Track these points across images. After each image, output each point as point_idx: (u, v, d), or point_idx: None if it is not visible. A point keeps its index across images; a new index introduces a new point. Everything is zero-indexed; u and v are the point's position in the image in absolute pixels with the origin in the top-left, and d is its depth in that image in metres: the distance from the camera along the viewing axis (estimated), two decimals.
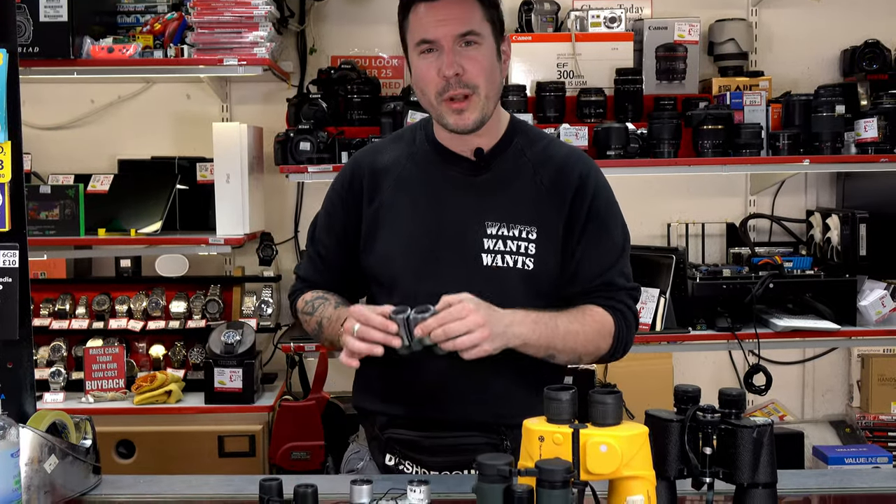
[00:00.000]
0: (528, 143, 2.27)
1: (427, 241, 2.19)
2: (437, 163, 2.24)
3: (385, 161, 2.27)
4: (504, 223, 2.18)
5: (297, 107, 3.91)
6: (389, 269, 2.21)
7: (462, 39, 2.12)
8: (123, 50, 3.71)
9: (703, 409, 1.79)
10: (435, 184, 2.23)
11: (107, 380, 3.79)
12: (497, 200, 2.20)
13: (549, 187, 2.22)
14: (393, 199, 2.23)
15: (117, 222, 3.88)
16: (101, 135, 4.31)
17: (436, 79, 2.13)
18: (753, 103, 3.94)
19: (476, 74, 2.12)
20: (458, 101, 2.13)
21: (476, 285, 2.09)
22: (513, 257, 2.17)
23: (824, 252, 4.02)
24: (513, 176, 2.22)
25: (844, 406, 4.48)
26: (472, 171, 2.22)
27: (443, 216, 2.20)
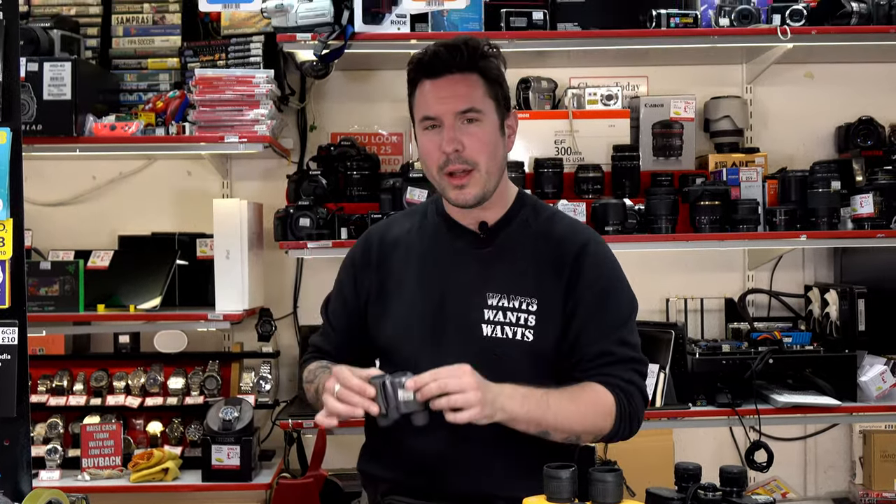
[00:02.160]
0: (534, 217, 2.32)
1: (429, 310, 2.24)
2: (444, 235, 2.32)
3: (395, 233, 2.37)
4: (505, 294, 2.22)
5: (297, 183, 3.93)
6: (392, 337, 2.28)
7: (463, 116, 2.18)
8: (126, 127, 3.74)
9: (705, 487, 1.79)
10: (440, 255, 2.30)
11: (103, 457, 3.76)
12: (499, 272, 2.24)
13: (550, 259, 2.25)
14: (399, 270, 2.31)
15: (116, 298, 3.87)
16: (102, 211, 4.33)
17: (437, 154, 2.19)
18: (750, 179, 3.96)
19: (476, 151, 2.18)
20: (458, 177, 2.18)
21: (476, 355, 2.11)
22: (512, 328, 2.20)
23: (823, 327, 4.02)
24: (516, 248, 2.27)
25: (847, 483, 4.42)
26: (476, 243, 2.28)
27: (446, 287, 2.25)
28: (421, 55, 2.25)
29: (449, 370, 1.98)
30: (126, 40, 4.13)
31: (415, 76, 2.26)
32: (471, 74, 2.21)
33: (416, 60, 2.25)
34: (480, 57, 2.23)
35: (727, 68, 4.39)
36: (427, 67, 2.22)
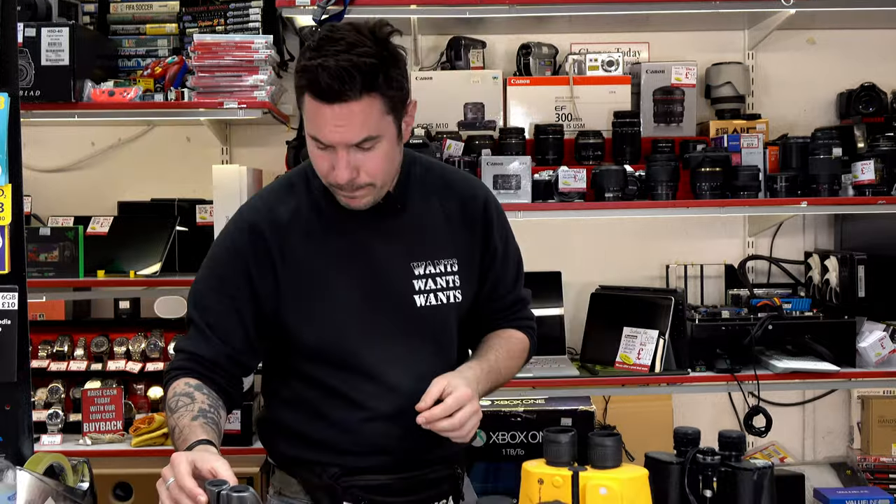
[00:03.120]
0: (426, 173, 2.23)
1: (359, 298, 2.11)
2: (345, 211, 2.11)
3: (284, 216, 2.12)
4: (429, 260, 2.16)
5: (296, 149, 3.92)
6: (325, 337, 2.11)
7: (359, 145, 1.98)
8: (124, 93, 3.73)
9: (703, 451, 1.80)
10: (351, 233, 2.13)
11: (104, 422, 3.78)
12: (416, 240, 2.17)
13: (458, 215, 2.22)
14: (311, 257, 2.11)
15: (117, 264, 3.88)
16: (101, 177, 4.33)
17: (329, 174, 2.01)
18: (751, 146, 3.95)
19: (372, 174, 2.01)
20: (350, 198, 2.05)
21: (413, 327, 2.14)
22: (444, 293, 2.17)
23: (823, 294, 4.03)
24: (424, 210, 2.19)
25: (845, 448, 4.45)
26: (383, 214, 2.14)
27: (369, 266, 2.13)
28: (311, 74, 1.92)
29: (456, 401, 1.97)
30: (124, 6, 4.11)
31: (304, 91, 1.97)
32: (368, 97, 1.94)
33: (307, 79, 1.94)
34: (381, 73, 1.94)
35: (729, 34, 4.37)
36: (318, 92, 1.93)
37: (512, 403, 3.51)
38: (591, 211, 3.82)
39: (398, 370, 2.12)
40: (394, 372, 2.12)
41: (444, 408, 1.96)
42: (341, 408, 2.12)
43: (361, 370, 2.11)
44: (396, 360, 2.13)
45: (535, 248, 4.26)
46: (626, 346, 3.82)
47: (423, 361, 2.15)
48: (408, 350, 2.14)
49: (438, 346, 2.19)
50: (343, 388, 2.12)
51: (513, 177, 3.74)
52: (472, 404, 1.99)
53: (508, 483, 3.60)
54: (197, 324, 2.12)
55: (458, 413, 1.96)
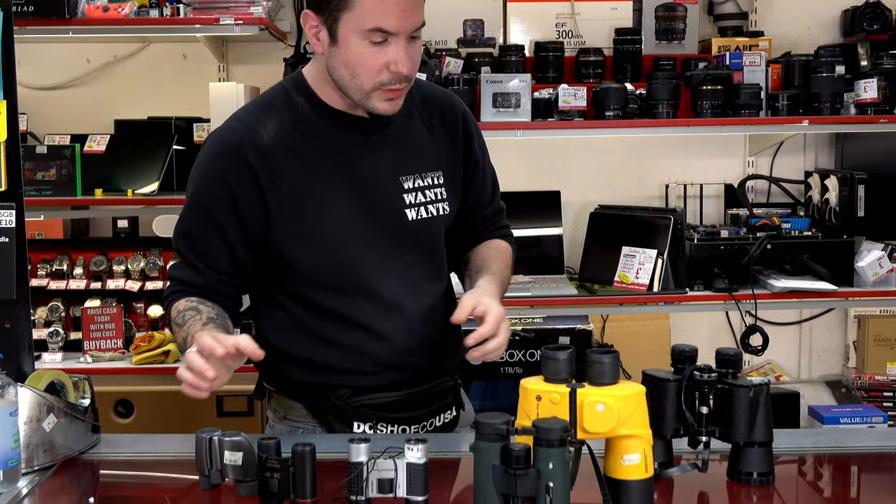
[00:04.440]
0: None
1: (350, 210, 2.08)
2: (332, 127, 2.09)
3: (267, 137, 2.05)
4: (417, 174, 2.15)
5: (293, 66, 3.89)
6: (321, 247, 2.07)
7: (413, 32, 1.99)
8: (119, 9, 3.69)
9: (700, 368, 1.80)
10: (338, 150, 2.09)
11: (105, 340, 3.80)
12: (403, 153, 2.15)
13: (439, 128, 2.21)
14: (300, 176, 2.05)
15: (114, 182, 3.87)
16: (97, 95, 4.30)
17: (382, 71, 1.98)
18: (753, 64, 3.92)
19: (416, 68, 2.02)
20: (395, 91, 2.01)
21: (406, 242, 2.13)
22: (434, 206, 2.16)
23: (822, 213, 4.03)
24: (408, 125, 2.16)
25: (840, 366, 4.50)
26: (370, 129, 2.11)
27: (358, 181, 2.09)
28: None
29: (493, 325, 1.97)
30: None
31: None
32: None
33: None
34: None
35: None
36: None
37: (510, 322, 3.53)
38: (591, 129, 3.81)
39: (396, 285, 2.11)
40: (391, 287, 2.11)
41: (491, 326, 1.96)
42: (343, 329, 2.11)
43: (359, 288, 2.10)
44: (393, 275, 2.11)
45: (535, 167, 4.27)
46: (625, 266, 3.83)
47: (419, 275, 2.16)
48: (403, 265, 2.13)
49: (431, 259, 2.20)
50: (342, 308, 2.10)
51: (512, 95, 3.71)
52: (506, 320, 2.02)
53: (507, 401, 3.65)
54: (185, 255, 2.09)
55: (500, 331, 1.98)
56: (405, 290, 2.13)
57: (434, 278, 2.20)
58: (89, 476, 2.02)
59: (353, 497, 1.64)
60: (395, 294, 2.11)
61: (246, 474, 1.73)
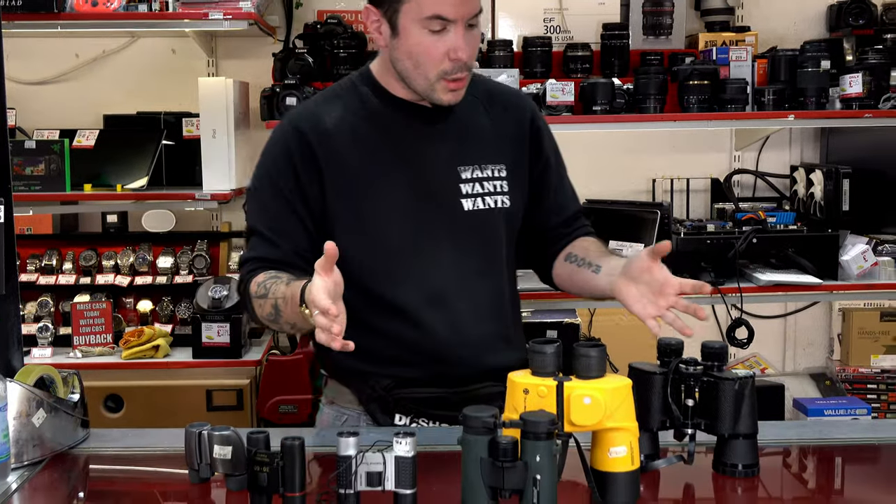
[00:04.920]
0: (471, 83, 2.18)
1: (406, 200, 2.11)
2: (394, 116, 2.14)
3: (330, 122, 2.12)
4: (476, 165, 2.15)
5: (283, 61, 3.90)
6: (374, 232, 2.10)
7: (471, 20, 2.03)
8: (107, 3, 3.70)
9: (686, 361, 1.81)
10: (398, 138, 2.14)
11: (94, 335, 3.80)
12: (463, 144, 2.17)
13: (505, 123, 2.22)
14: (358, 162, 2.10)
15: (103, 178, 3.88)
16: (86, 90, 4.30)
17: (443, 59, 2.02)
18: (739, 59, 3.94)
19: (474, 55, 2.06)
20: (458, 81, 2.05)
21: (461, 232, 2.12)
22: (492, 198, 2.15)
23: (807, 207, 4.05)
24: (471, 117, 2.19)
25: (825, 359, 4.54)
26: (431, 119, 2.14)
27: (415, 170, 2.13)
28: None
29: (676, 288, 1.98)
30: None
31: None
32: None
33: None
34: None
35: None
36: None
37: None
38: (578, 124, 3.82)
39: (445, 276, 2.11)
40: (440, 278, 2.11)
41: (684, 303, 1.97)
42: (387, 316, 2.10)
43: (407, 275, 2.10)
44: (443, 265, 2.11)
45: None
46: None
47: (473, 268, 2.15)
48: (455, 256, 2.13)
49: (486, 251, 2.17)
50: (388, 295, 2.10)
51: None
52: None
53: None
54: (259, 231, 2.12)
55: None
56: (454, 282, 2.12)
57: (490, 273, 2.18)
58: (79, 471, 2.01)
59: (341, 490, 1.64)
60: (442, 285, 2.11)
61: (235, 468, 1.73)
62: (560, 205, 2.29)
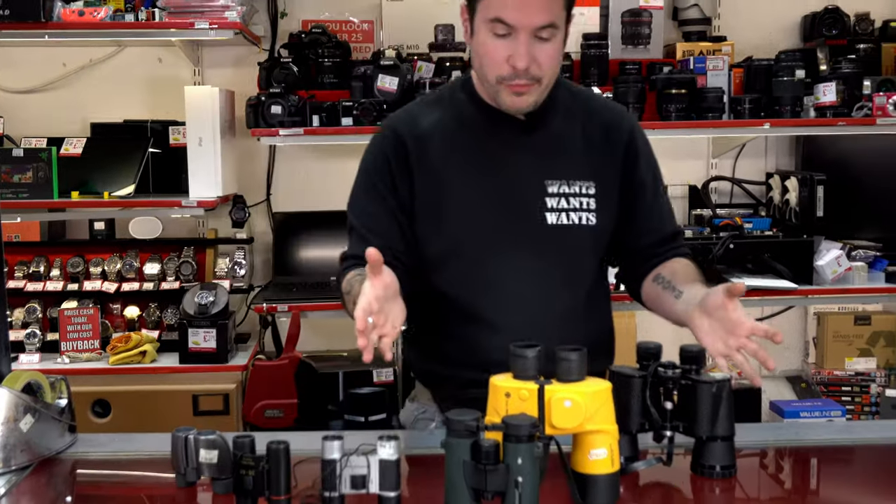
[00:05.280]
0: (571, 98, 2.22)
1: (489, 208, 2.12)
2: (487, 124, 2.15)
3: (426, 125, 2.16)
4: (564, 180, 2.13)
5: (268, 70, 3.93)
6: (455, 236, 2.13)
7: (540, 31, 2.00)
8: (94, 13, 3.71)
9: (665, 365, 1.82)
10: (488, 145, 2.15)
11: (82, 340, 3.83)
12: (553, 158, 2.15)
13: (600, 141, 2.19)
14: (447, 166, 2.13)
15: (90, 185, 3.89)
16: (73, 98, 4.30)
17: (503, 64, 2.02)
18: (716, 68, 3.98)
19: (545, 68, 2.03)
20: (519, 86, 2.04)
21: (543, 246, 2.12)
22: (577, 214, 2.13)
23: (783, 213, 4.10)
24: (565, 132, 2.18)
25: (800, 362, 4.57)
26: (523, 130, 2.14)
27: (502, 179, 2.13)
28: None
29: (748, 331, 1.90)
30: None
31: None
32: None
33: None
34: None
35: None
36: None
37: None
38: None
39: (523, 286, 2.11)
40: (518, 287, 2.10)
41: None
42: (466, 322, 2.12)
43: (484, 283, 2.11)
44: (522, 275, 2.11)
45: None
46: None
47: (554, 282, 2.14)
48: (535, 267, 2.12)
49: (569, 267, 2.16)
50: (463, 300, 2.12)
51: None
52: None
53: None
54: (357, 229, 2.16)
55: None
56: (532, 293, 2.12)
57: (572, 288, 2.17)
58: (66, 476, 2.00)
59: (326, 493, 1.64)
60: (519, 294, 2.11)
61: (221, 472, 1.73)
62: (653, 226, 2.24)
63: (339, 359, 4.03)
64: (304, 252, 4.24)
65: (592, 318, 2.23)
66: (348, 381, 3.79)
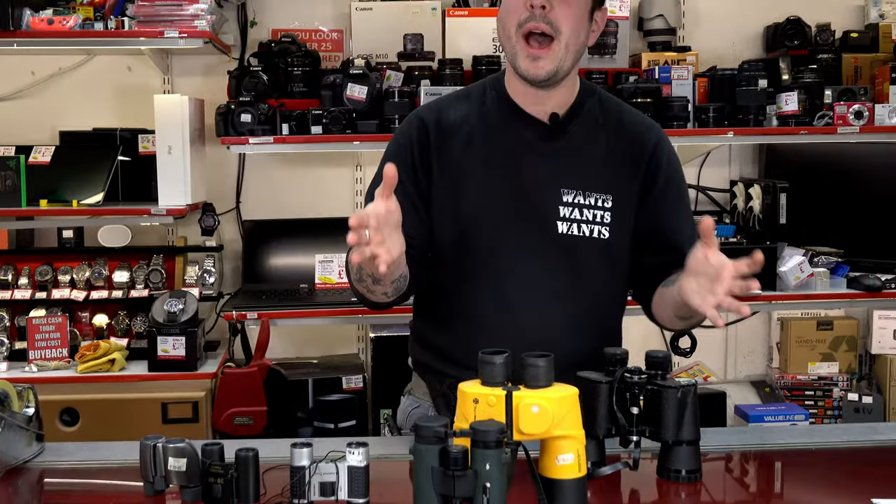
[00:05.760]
0: (601, 108, 2.20)
1: (502, 204, 2.11)
2: (511, 124, 2.15)
3: (452, 118, 2.16)
4: (580, 191, 2.12)
5: (238, 79, 3.94)
6: (464, 230, 2.12)
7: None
8: (63, 22, 3.70)
9: (631, 370, 1.84)
10: (509, 145, 2.14)
11: (50, 349, 3.80)
12: (572, 167, 2.13)
13: (623, 154, 2.17)
14: (466, 159, 2.13)
15: (59, 193, 3.88)
16: (42, 106, 4.28)
17: (520, 8, 2.01)
18: (681, 77, 4.01)
19: (563, 17, 2.01)
20: (536, 44, 2.03)
21: (550, 254, 2.11)
22: (589, 226, 2.12)
23: (747, 220, 4.14)
24: (588, 142, 2.16)
25: (765, 367, 4.62)
26: (547, 135, 2.14)
27: (518, 180, 2.12)
28: None
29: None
30: None
31: None
32: None
33: None
34: None
35: None
36: None
37: None
38: None
39: (525, 291, 2.10)
40: (519, 291, 2.09)
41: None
42: (461, 319, 2.13)
43: (486, 281, 2.10)
44: (525, 280, 2.10)
45: None
46: None
47: (554, 290, 2.13)
48: (541, 275, 2.11)
49: (575, 278, 2.14)
50: (463, 296, 2.13)
51: None
52: None
53: None
54: None
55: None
56: (533, 299, 2.11)
57: (575, 299, 2.15)
58: (34, 485, 2.00)
59: (295, 500, 1.66)
60: (520, 298, 2.10)
61: (190, 480, 1.74)
62: (672, 244, 2.17)
63: (309, 366, 4.04)
64: (274, 260, 4.25)
65: (595, 333, 2.19)
66: (318, 388, 3.80)
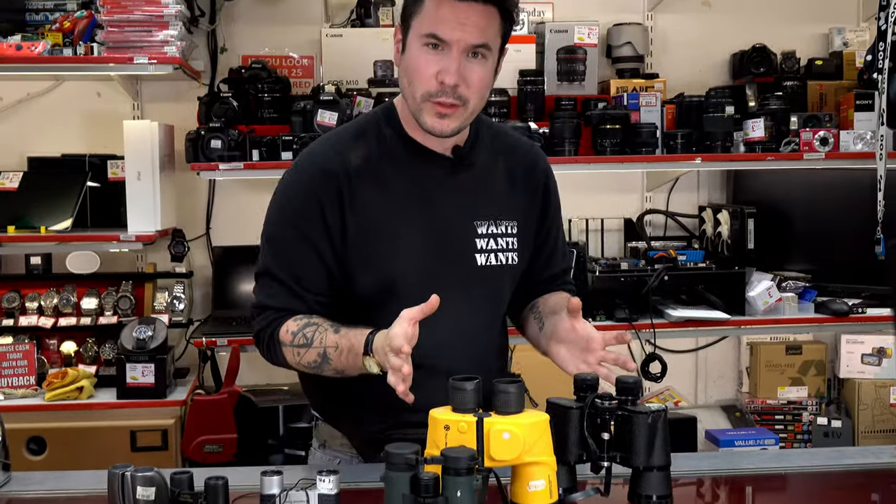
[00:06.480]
0: (492, 135, 2.22)
1: (422, 247, 2.08)
2: (416, 162, 2.11)
3: (355, 163, 2.08)
4: (492, 220, 2.14)
5: (208, 105, 3.93)
6: (383, 286, 2.07)
7: (472, 49, 1.99)
8: (32, 48, 3.69)
9: (602, 396, 1.81)
10: (419, 187, 2.10)
11: (17, 377, 3.77)
12: (481, 198, 2.15)
13: (521, 179, 2.20)
14: (379, 204, 2.07)
15: (27, 219, 3.85)
16: (10, 132, 4.26)
17: (431, 80, 1.99)
18: (649, 104, 4.06)
19: (473, 90, 2.01)
20: (444, 107, 2.01)
21: (473, 286, 2.12)
22: (504, 254, 2.15)
23: (715, 246, 4.18)
24: (490, 170, 2.17)
25: (735, 391, 4.65)
26: (452, 169, 2.13)
27: (434, 220, 2.10)
28: None
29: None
30: None
31: None
32: (492, 7, 1.99)
33: None
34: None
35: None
36: None
37: None
38: None
39: (448, 328, 2.05)
40: (443, 329, 2.02)
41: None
42: None
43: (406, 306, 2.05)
44: (448, 317, 2.00)
45: None
46: None
47: (477, 321, 2.15)
48: (463, 308, 2.10)
49: (492, 307, 2.19)
50: None
51: None
52: None
53: None
54: (279, 277, 2.08)
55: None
56: (454, 335, 2.10)
57: (489, 326, 2.19)
58: None
59: None
60: (441, 336, 2.03)
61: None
62: (553, 262, 2.30)
63: (279, 392, 4.02)
64: (244, 286, 4.23)
65: (502, 350, 2.29)
66: (288, 415, 3.78)
